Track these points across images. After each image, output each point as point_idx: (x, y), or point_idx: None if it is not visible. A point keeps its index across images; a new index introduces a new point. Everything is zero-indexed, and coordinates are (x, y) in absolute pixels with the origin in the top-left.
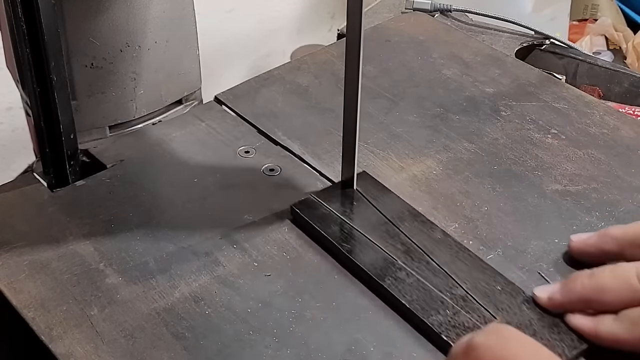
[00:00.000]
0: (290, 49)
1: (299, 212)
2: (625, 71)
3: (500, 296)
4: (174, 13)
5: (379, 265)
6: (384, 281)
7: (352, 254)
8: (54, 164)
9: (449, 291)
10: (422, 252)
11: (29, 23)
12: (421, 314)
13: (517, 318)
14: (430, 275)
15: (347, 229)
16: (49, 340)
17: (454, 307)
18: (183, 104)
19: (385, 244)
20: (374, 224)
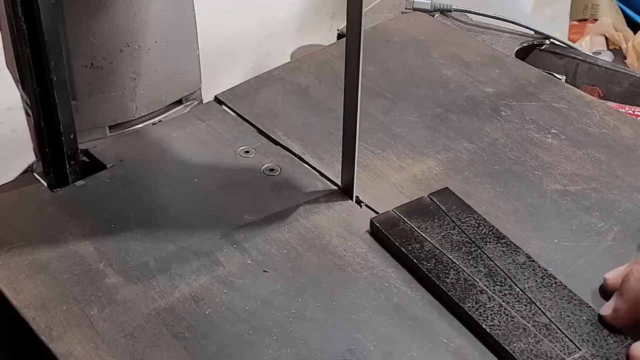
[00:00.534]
0: (290, 49)
1: (378, 226)
2: (625, 71)
3: (586, 327)
4: (174, 13)
5: (460, 287)
6: (464, 304)
7: (432, 272)
8: (54, 164)
9: (532, 318)
10: (505, 276)
11: (29, 23)
12: (502, 340)
13: (603, 351)
14: (513, 300)
15: (428, 247)
16: (49, 340)
17: (536, 335)
18: (183, 104)
19: (467, 265)
20: (456, 243)
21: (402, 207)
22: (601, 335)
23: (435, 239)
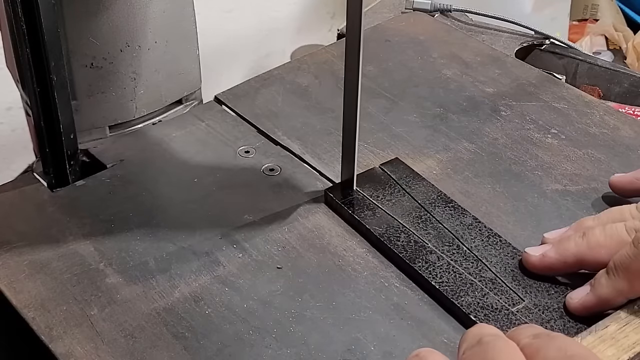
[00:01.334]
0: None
1: (332, 196)
2: (625, 71)
3: (529, 280)
4: (174, 13)
5: (411, 249)
6: (415, 264)
7: (383, 237)
8: (54, 164)
9: (478, 274)
10: (453, 237)
11: (29, 23)
12: (451, 296)
13: (545, 301)
14: (460, 259)
15: (379, 214)
16: (49, 340)
17: (482, 289)
18: (183, 104)
19: (417, 228)
20: (406, 209)
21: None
22: (543, 287)
23: (387, 205)
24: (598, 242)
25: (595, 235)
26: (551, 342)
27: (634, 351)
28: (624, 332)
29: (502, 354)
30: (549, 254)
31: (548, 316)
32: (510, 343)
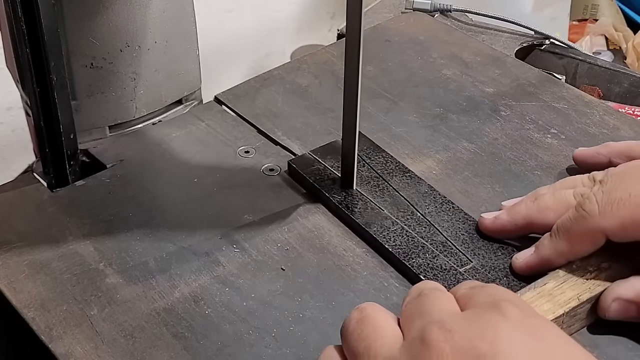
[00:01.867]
0: (290, 49)
1: (295, 167)
2: (625, 71)
3: (478, 242)
4: (174, 13)
5: (367, 215)
6: (370, 228)
7: (342, 204)
8: (54, 164)
9: (430, 238)
10: (408, 204)
11: (29, 23)
12: (403, 258)
13: (492, 262)
14: (414, 224)
15: (339, 183)
16: (49, 340)
17: (433, 251)
18: (183, 104)
19: (374, 196)
20: (365, 178)
21: (317, 149)
22: (491, 249)
23: None
24: (547, 205)
25: (545, 200)
26: (483, 290)
27: (569, 306)
28: (561, 289)
29: (436, 303)
30: (501, 217)
31: (494, 275)
32: (447, 294)
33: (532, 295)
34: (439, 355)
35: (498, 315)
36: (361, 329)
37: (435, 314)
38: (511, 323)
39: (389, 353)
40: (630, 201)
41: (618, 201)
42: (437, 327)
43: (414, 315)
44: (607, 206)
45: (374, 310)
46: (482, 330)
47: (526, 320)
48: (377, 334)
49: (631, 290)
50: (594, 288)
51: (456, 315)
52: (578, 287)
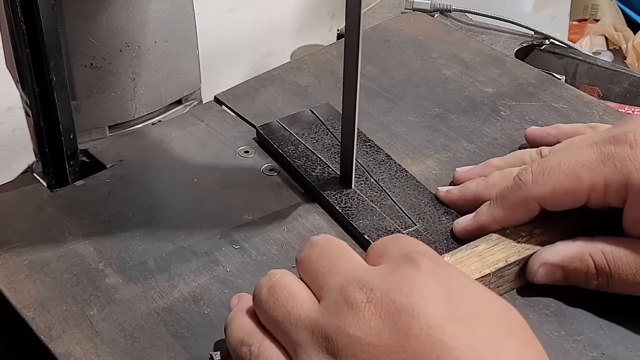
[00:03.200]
0: (290, 49)
1: (262, 133)
2: (625, 71)
3: (425, 208)
4: (174, 13)
5: (324, 179)
6: (324, 191)
7: (301, 169)
8: (54, 164)
9: (380, 202)
10: (363, 170)
11: (29, 23)
12: (351, 219)
13: (435, 226)
14: (366, 189)
15: (301, 149)
16: (49, 340)
17: (381, 214)
18: (183, 104)
19: (332, 162)
20: (327, 146)
21: (285, 118)
22: (436, 215)
23: (309, 142)
24: (494, 182)
25: (493, 177)
26: (395, 242)
27: (496, 267)
28: (491, 251)
29: (343, 258)
30: (453, 191)
31: (434, 238)
32: (344, 246)
33: (463, 255)
34: (364, 315)
35: (412, 269)
36: (275, 296)
37: (348, 271)
38: (424, 275)
39: (309, 317)
40: (560, 169)
41: (549, 170)
42: (357, 287)
43: (322, 273)
44: (539, 175)
45: (283, 275)
46: (398, 284)
47: (438, 271)
48: (292, 299)
49: (557, 255)
50: (523, 251)
51: (371, 271)
52: (507, 250)
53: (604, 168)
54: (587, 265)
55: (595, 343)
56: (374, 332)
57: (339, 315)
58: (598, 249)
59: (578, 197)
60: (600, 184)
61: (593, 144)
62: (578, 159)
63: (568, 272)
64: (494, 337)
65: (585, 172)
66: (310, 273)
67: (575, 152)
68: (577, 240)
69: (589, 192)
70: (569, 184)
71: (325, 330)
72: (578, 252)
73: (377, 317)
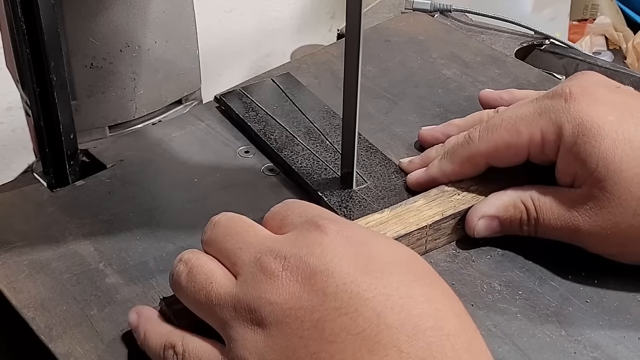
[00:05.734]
0: (290, 49)
1: (225, 101)
2: (625, 71)
3: (376, 167)
4: (174, 13)
5: (282, 141)
6: (281, 152)
7: (260, 132)
8: (54, 164)
9: (333, 162)
10: (319, 134)
11: (29, 23)
12: (305, 177)
13: (385, 184)
14: (322, 150)
15: (261, 114)
16: (49, 340)
17: (334, 173)
18: (183, 104)
19: (290, 126)
20: (286, 112)
21: (246, 86)
22: (387, 173)
23: (269, 109)
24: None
25: (450, 142)
26: (292, 209)
27: (432, 220)
28: (429, 205)
29: (249, 231)
30: (415, 161)
31: (383, 194)
32: (244, 218)
33: (402, 209)
34: (282, 282)
35: (319, 233)
36: (194, 280)
37: (257, 243)
38: (331, 236)
39: (229, 294)
40: (502, 125)
41: (493, 127)
42: (271, 257)
43: (233, 250)
44: (484, 132)
45: (198, 258)
46: (309, 248)
47: (343, 231)
48: (209, 279)
49: (492, 206)
50: (459, 206)
51: (281, 240)
52: (444, 205)
53: (540, 120)
54: (520, 211)
55: (595, 343)
56: (294, 296)
57: (258, 287)
58: (527, 195)
59: (519, 152)
60: (537, 136)
61: (534, 100)
62: (518, 114)
63: (504, 221)
64: (405, 284)
65: (524, 125)
66: (220, 252)
67: (517, 108)
68: (507, 190)
69: (528, 146)
70: (510, 139)
71: (247, 302)
72: (510, 201)
73: (295, 282)
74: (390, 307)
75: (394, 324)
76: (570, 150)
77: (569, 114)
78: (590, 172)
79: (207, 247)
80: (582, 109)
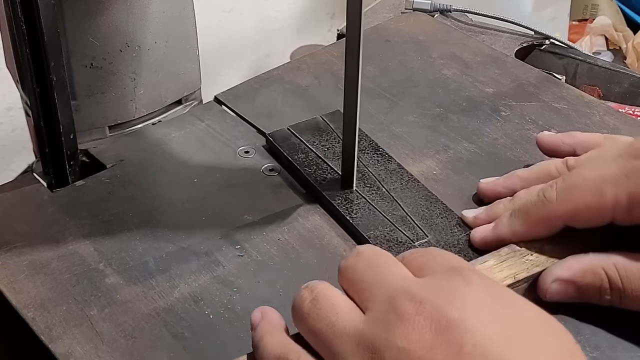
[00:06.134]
0: (290, 49)
1: (272, 140)
2: (625, 71)
3: (437, 219)
4: (174, 13)
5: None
6: (334, 200)
7: (310, 177)
8: (54, 164)
9: (391, 213)
10: (375, 179)
11: (29, 23)
12: (362, 229)
13: (447, 238)
14: (377, 199)
15: (312, 157)
16: (49, 340)
17: (392, 225)
18: (183, 104)
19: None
20: (337, 153)
21: (295, 125)
22: (448, 227)
23: (320, 150)
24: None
25: (521, 199)
26: (437, 256)
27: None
28: (500, 267)
29: (389, 268)
30: (480, 216)
31: (447, 250)
32: (391, 257)
33: None
34: (414, 327)
35: (462, 282)
36: (318, 308)
37: (396, 282)
38: (476, 289)
39: (354, 328)
40: (584, 186)
41: (572, 186)
42: (406, 298)
43: (369, 283)
44: (562, 192)
45: (325, 287)
46: (449, 297)
47: (489, 287)
48: (335, 309)
49: (568, 270)
50: (532, 268)
51: (420, 283)
52: (516, 267)
53: (627, 182)
54: (600, 279)
55: (595, 343)
56: (425, 346)
57: (387, 327)
58: (611, 263)
59: (602, 214)
60: (623, 200)
61: (617, 157)
62: (602, 175)
63: (581, 287)
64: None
65: (609, 187)
66: (355, 283)
67: (599, 167)
68: (589, 255)
69: (613, 209)
70: (593, 201)
71: (372, 341)
72: (590, 266)
73: (428, 330)
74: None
75: None
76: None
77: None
78: None
79: (343, 274)
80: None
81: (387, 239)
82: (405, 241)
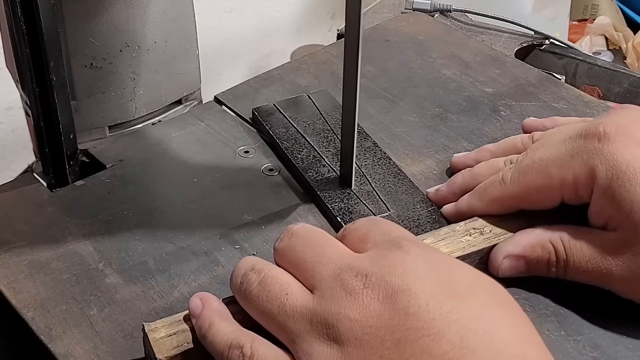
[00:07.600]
0: (290, 49)
1: (257, 115)
2: (625, 71)
3: (402, 195)
4: (174, 13)
5: (308, 161)
6: (306, 173)
7: (288, 150)
8: (54, 164)
9: (358, 187)
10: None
11: (29, 23)
12: (327, 201)
13: (408, 213)
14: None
15: (292, 131)
16: (49, 340)
17: (357, 199)
18: (183, 104)
19: (319, 146)
20: (317, 130)
21: (282, 101)
22: (412, 202)
23: (300, 126)
24: (480, 173)
25: (479, 169)
26: (375, 226)
27: None
28: (437, 245)
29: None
30: (442, 188)
31: (406, 224)
32: (325, 232)
33: None
34: (364, 300)
35: (401, 253)
36: (267, 290)
37: (337, 259)
38: (413, 257)
39: (305, 307)
40: (533, 168)
41: (524, 169)
42: (352, 274)
43: (312, 262)
44: (515, 173)
45: (272, 269)
46: (391, 268)
47: (425, 253)
48: (284, 290)
49: (518, 246)
50: (468, 248)
51: (362, 258)
52: (453, 246)
53: (572, 163)
54: (548, 252)
55: (595, 343)
56: (375, 314)
57: (337, 302)
58: (557, 237)
59: (552, 195)
60: (569, 180)
61: (566, 139)
62: (550, 156)
63: (530, 261)
64: (488, 308)
65: (555, 168)
66: (298, 263)
67: (548, 149)
68: (536, 229)
69: (560, 189)
70: (541, 182)
71: (325, 317)
72: (539, 240)
73: (376, 300)
74: (474, 331)
75: (477, 348)
76: (603, 193)
77: (602, 155)
78: (624, 215)
79: (280, 255)
80: (617, 149)
81: (350, 211)
82: (367, 214)
